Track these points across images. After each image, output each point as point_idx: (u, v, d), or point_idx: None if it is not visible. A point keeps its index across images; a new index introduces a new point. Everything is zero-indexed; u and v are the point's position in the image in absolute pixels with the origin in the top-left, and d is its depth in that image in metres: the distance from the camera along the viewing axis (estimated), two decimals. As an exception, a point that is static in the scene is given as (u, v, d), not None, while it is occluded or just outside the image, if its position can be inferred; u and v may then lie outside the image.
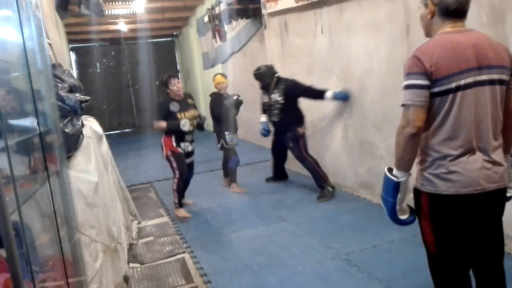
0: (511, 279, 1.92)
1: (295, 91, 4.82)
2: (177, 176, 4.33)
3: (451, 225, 1.74)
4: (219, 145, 5.20)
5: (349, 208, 4.14)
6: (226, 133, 5.10)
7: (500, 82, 1.67)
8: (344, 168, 4.81)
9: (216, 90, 5.27)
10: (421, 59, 1.63)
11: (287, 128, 4.84)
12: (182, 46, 14.11)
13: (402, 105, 1.68)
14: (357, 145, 4.53)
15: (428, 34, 1.79)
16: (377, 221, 3.68)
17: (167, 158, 4.38)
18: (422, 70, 1.62)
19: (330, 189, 4.59)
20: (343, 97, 4.49)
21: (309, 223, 3.87)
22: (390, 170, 1.79)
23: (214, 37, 8.79)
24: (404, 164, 1.73)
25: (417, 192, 1.81)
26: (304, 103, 5.25)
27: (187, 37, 12.88)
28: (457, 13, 1.69)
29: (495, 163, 1.69)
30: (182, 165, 4.35)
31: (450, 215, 1.72)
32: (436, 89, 1.63)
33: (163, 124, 4.27)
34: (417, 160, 1.78)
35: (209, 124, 5.11)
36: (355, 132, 4.52)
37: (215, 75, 5.41)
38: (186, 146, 4.40)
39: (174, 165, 4.33)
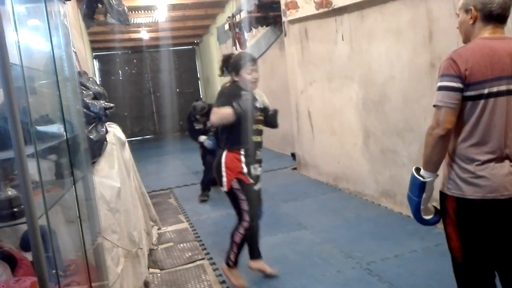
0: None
1: None
2: (245, 223, 2.86)
3: (477, 231, 1.72)
4: None
5: (369, 217, 4.09)
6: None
7: None
8: (364, 176, 4.76)
9: None
10: (457, 62, 1.64)
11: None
12: (203, 53, 14.27)
13: (434, 105, 1.69)
14: (378, 153, 4.48)
15: (467, 40, 1.77)
16: (398, 230, 3.63)
17: (232, 192, 2.84)
18: (457, 73, 1.62)
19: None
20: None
21: (329, 231, 3.83)
22: (417, 169, 1.81)
23: (234, 44, 8.86)
24: (431, 165, 1.74)
25: (443, 195, 1.81)
26: (324, 108, 5.24)
27: (208, 45, 13.02)
28: (499, 18, 1.69)
29: None
30: (253, 204, 2.86)
31: (476, 221, 1.70)
32: (468, 93, 1.64)
33: (227, 111, 2.73)
34: (444, 162, 1.78)
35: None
36: (377, 140, 4.47)
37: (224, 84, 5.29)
38: (255, 168, 2.90)
39: (245, 206, 2.83)
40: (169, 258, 3.62)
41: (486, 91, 1.62)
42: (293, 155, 6.80)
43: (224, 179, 2.80)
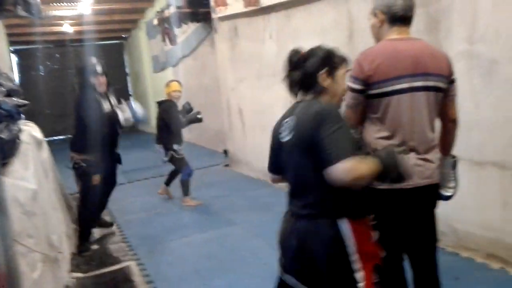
0: (444, 272, 2.03)
1: None
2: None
3: (387, 219, 1.83)
4: (166, 158, 4.69)
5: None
6: (175, 146, 4.64)
7: (436, 89, 1.79)
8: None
9: (167, 98, 4.77)
10: (362, 64, 1.75)
11: None
12: (132, 48, 13.82)
13: (346, 105, 1.80)
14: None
15: (378, 41, 1.89)
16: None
17: None
18: (360, 75, 1.74)
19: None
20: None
21: (259, 226, 3.90)
22: None
23: (164, 40, 8.69)
24: None
25: None
26: (255, 105, 5.31)
27: (137, 40, 12.64)
28: (403, 20, 1.81)
29: (427, 160, 1.81)
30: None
31: (385, 209, 1.82)
32: (373, 91, 1.75)
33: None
34: None
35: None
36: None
37: (170, 82, 4.89)
38: None
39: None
40: (93, 261, 3.48)
41: (389, 89, 1.74)
42: (225, 152, 6.82)
43: None
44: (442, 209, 2.09)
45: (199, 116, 4.82)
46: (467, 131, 2.76)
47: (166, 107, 4.70)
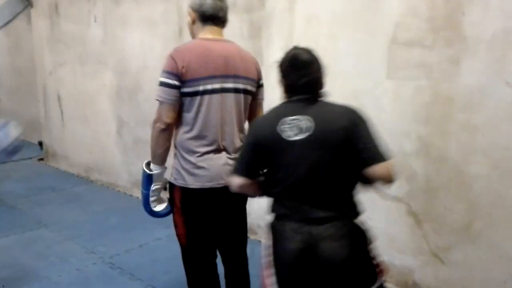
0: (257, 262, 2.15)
1: None
2: None
3: (199, 217, 1.86)
4: None
5: (120, 208, 3.99)
6: None
7: (246, 91, 1.86)
8: (118, 167, 4.63)
9: None
10: (175, 60, 1.71)
11: None
12: None
13: (158, 101, 1.74)
14: (131, 143, 4.42)
15: (193, 37, 1.86)
16: (147, 220, 3.59)
17: None
18: (174, 70, 1.70)
19: None
20: None
21: (73, 227, 3.55)
22: (148, 164, 1.84)
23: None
24: (157, 158, 1.80)
25: (171, 185, 1.88)
26: (76, 93, 4.87)
27: None
28: (213, 19, 1.81)
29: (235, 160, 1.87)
30: None
31: (197, 208, 1.84)
32: (186, 90, 1.72)
33: None
34: (172, 154, 1.84)
35: None
36: (130, 130, 4.40)
37: None
38: None
39: None
40: None
41: (201, 88, 1.73)
42: (40, 143, 6.06)
43: None
44: (257, 204, 2.21)
45: None
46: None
47: None
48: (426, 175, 2.40)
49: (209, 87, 1.73)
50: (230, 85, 1.78)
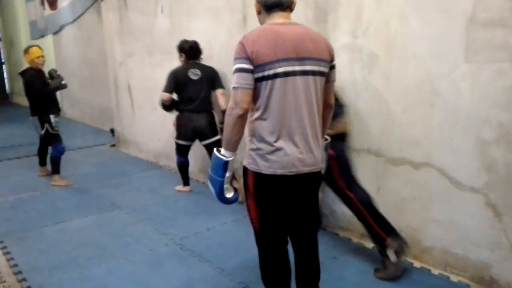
0: (323, 252, 2.15)
1: None
2: None
3: (271, 202, 1.87)
4: (43, 131, 4.37)
5: (187, 193, 4.14)
6: (51, 116, 4.36)
7: (319, 73, 1.82)
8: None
9: (29, 66, 4.38)
10: (245, 45, 1.72)
11: None
12: (5, 11, 12.17)
13: (233, 87, 1.74)
14: (196, 130, 4.54)
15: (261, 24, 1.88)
16: (212, 205, 3.76)
17: None
18: (246, 55, 1.70)
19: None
20: None
21: (145, 210, 3.74)
22: (218, 151, 1.85)
23: (43, 3, 7.79)
24: (232, 144, 1.79)
25: (244, 170, 1.90)
26: (145, 82, 5.06)
27: (11, 2, 11.18)
28: (277, 5, 1.81)
29: (310, 148, 1.84)
30: None
31: (270, 193, 1.85)
32: (257, 74, 1.73)
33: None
34: (247, 140, 1.86)
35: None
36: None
37: (29, 48, 4.45)
38: None
39: None
40: None
41: (271, 72, 1.72)
42: (112, 131, 6.41)
43: None
44: (321, 194, 2.19)
45: (63, 82, 4.47)
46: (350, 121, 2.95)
47: (30, 76, 4.34)
48: (507, 165, 2.25)
49: (280, 70, 1.72)
50: (302, 67, 1.76)
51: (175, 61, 4.61)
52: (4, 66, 13.08)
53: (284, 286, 2.01)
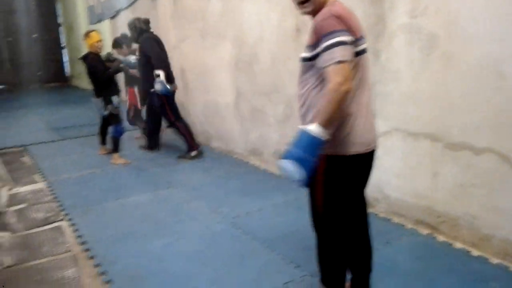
0: (376, 237, 2.13)
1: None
2: None
3: (345, 184, 1.82)
4: (106, 112, 4.64)
5: (238, 174, 4.23)
6: (113, 97, 4.63)
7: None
8: (235, 136, 4.87)
9: (89, 50, 4.63)
10: (341, 18, 1.63)
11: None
12: (66, -3, 12.76)
13: (338, 62, 1.59)
14: (248, 113, 4.60)
15: (320, 6, 1.75)
16: (263, 186, 3.83)
17: None
18: (345, 27, 1.63)
19: (192, 154, 4.80)
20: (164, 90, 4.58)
21: (198, 188, 3.87)
22: (309, 129, 1.65)
23: (101, -11, 8.08)
24: (332, 123, 1.66)
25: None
26: (198, 65, 5.16)
27: (71, -12, 11.70)
28: None
29: (374, 126, 1.86)
30: None
31: (346, 175, 1.80)
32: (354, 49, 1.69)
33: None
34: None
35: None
36: (247, 100, 4.58)
37: (89, 32, 4.69)
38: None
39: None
40: (22, 221, 3.28)
41: (359, 48, 1.70)
42: (165, 113, 6.61)
43: None
44: (375, 176, 2.16)
45: (121, 65, 4.81)
46: (404, 102, 2.87)
47: (92, 60, 4.59)
48: None
49: (364, 46, 1.72)
50: (365, 45, 1.76)
51: (228, 45, 4.68)
52: (64, 51, 13.75)
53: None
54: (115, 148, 4.75)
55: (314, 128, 1.61)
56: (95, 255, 2.73)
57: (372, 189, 2.76)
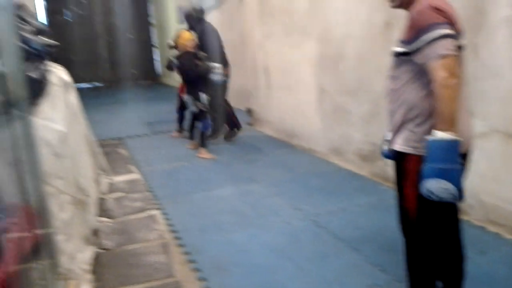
0: (470, 246, 1.99)
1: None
2: None
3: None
4: (196, 108, 4.89)
5: (319, 172, 4.21)
6: (202, 94, 4.87)
7: None
8: (317, 133, 4.85)
9: (182, 49, 4.93)
10: (444, 11, 1.57)
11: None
12: (158, -1, 13.56)
13: (442, 56, 1.53)
14: (331, 111, 4.55)
15: (409, 2, 1.70)
16: (346, 185, 3.77)
17: None
18: (449, 21, 1.56)
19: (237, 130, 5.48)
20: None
21: (280, 185, 3.91)
22: (439, 135, 1.55)
23: (191, -10, 8.45)
24: (455, 121, 1.54)
25: (404, 155, 1.73)
26: (282, 63, 5.21)
27: (163, -11, 12.41)
28: None
29: (471, 124, 1.76)
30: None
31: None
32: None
33: None
34: (405, 119, 1.72)
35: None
36: (330, 98, 4.53)
37: (181, 32, 5.01)
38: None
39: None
40: (120, 208, 3.57)
41: (460, 43, 1.62)
42: (249, 110, 6.77)
43: None
44: (469, 181, 2.01)
45: (211, 64, 5.10)
46: (505, 102, 2.66)
47: (186, 60, 4.86)
48: None
49: (464, 42, 1.64)
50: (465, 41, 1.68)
51: (312, 41, 4.66)
52: (156, 50, 14.63)
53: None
54: (203, 143, 4.97)
55: (440, 134, 1.53)
56: (185, 244, 2.89)
57: (466, 195, 2.59)
